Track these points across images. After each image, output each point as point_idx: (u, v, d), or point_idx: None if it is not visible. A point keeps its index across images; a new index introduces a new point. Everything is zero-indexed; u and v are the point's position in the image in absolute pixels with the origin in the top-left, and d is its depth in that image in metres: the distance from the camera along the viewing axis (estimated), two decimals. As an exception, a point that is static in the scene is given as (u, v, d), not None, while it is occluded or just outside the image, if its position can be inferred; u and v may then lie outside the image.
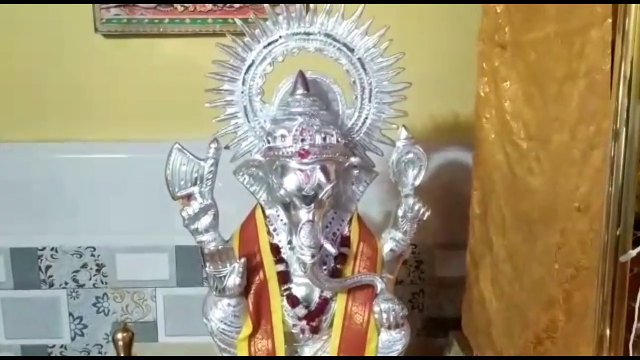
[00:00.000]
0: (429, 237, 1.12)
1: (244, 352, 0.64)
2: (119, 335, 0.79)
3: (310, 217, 0.62)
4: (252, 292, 0.65)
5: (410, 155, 0.68)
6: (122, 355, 0.79)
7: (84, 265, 1.10)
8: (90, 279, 1.10)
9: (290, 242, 0.64)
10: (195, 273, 1.09)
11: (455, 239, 1.04)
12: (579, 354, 0.60)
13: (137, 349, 0.96)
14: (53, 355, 1.12)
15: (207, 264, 0.62)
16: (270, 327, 0.64)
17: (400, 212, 0.70)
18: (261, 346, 0.63)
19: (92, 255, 1.10)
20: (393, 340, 0.66)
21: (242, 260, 0.62)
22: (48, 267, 1.09)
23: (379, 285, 0.65)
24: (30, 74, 1.04)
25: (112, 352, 0.82)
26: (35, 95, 1.05)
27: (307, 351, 0.68)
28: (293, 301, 0.65)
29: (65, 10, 1.01)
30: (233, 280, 0.61)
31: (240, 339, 0.64)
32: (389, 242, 0.71)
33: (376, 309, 0.64)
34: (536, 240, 0.70)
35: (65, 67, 1.04)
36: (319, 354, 0.67)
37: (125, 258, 1.10)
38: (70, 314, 1.11)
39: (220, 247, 0.61)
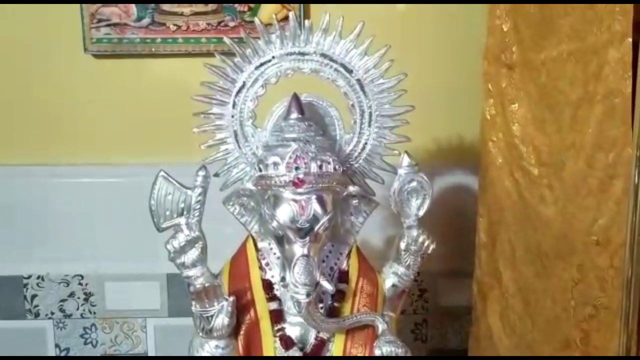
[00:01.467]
0: (433, 265, 1.07)
1: (232, 399, 0.59)
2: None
3: (306, 251, 0.57)
4: (242, 332, 0.60)
5: (414, 184, 0.64)
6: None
7: (72, 294, 1.05)
8: (77, 309, 1.05)
9: (283, 279, 0.59)
10: (188, 302, 1.04)
11: (461, 266, 0.99)
12: (600, 403, 0.55)
13: None
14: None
15: (193, 303, 0.57)
16: (261, 372, 0.59)
17: (402, 245, 0.65)
18: (253, 395, 0.58)
19: (80, 283, 1.05)
20: (396, 386, 0.60)
21: (232, 298, 0.57)
22: (34, 297, 1.05)
23: (380, 326, 0.60)
24: (16, 94, 1.01)
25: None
26: (21, 117, 1.02)
27: (303, 398, 0.63)
28: (287, 342, 0.60)
29: (54, 29, 0.97)
30: (221, 320, 0.57)
31: (230, 384, 0.59)
32: (391, 277, 0.66)
33: (377, 352, 0.59)
34: (550, 275, 0.65)
35: (53, 88, 1.00)
36: (315, 402, 0.61)
37: (115, 286, 1.06)
38: (57, 346, 1.06)
39: (207, 284, 0.56)
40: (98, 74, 0.99)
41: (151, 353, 1.08)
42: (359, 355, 0.60)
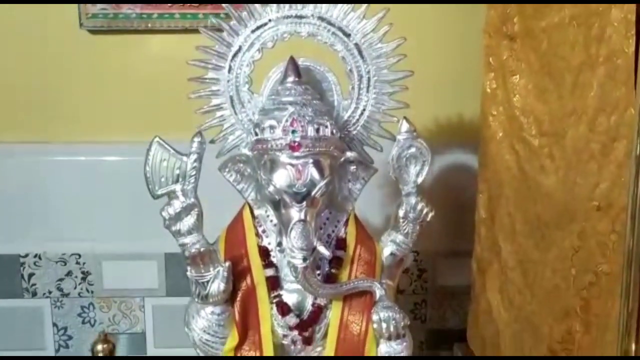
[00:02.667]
0: (432, 244, 1.06)
1: (229, 365, 0.58)
2: (99, 347, 0.74)
3: (302, 216, 0.56)
4: (238, 299, 0.59)
5: (412, 150, 0.63)
6: (101, 369, 0.73)
7: (69, 273, 1.04)
8: (75, 288, 1.05)
9: (280, 244, 0.58)
10: (186, 282, 1.03)
11: (460, 246, 0.99)
12: (600, 370, 0.54)
13: None
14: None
15: (189, 268, 0.56)
16: (258, 338, 0.58)
17: (401, 213, 0.64)
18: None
19: (77, 262, 1.04)
20: (394, 352, 0.60)
21: (227, 264, 0.57)
22: (31, 275, 1.04)
23: (378, 291, 0.59)
24: (11, 71, 0.99)
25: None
26: (17, 94, 1.01)
27: (300, 365, 0.62)
28: (283, 309, 0.60)
29: (49, 5, 0.96)
30: (217, 286, 0.56)
31: (226, 350, 0.58)
32: (389, 246, 0.65)
33: (375, 317, 0.58)
34: (550, 245, 0.64)
35: (49, 64, 0.99)
36: (312, 368, 0.61)
37: (112, 266, 1.05)
38: (55, 325, 1.06)
39: (202, 249, 0.55)
40: (94, 50, 0.98)
41: (149, 332, 1.08)
42: (355, 322, 0.59)
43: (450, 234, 1.06)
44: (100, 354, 0.73)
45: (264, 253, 0.61)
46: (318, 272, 0.60)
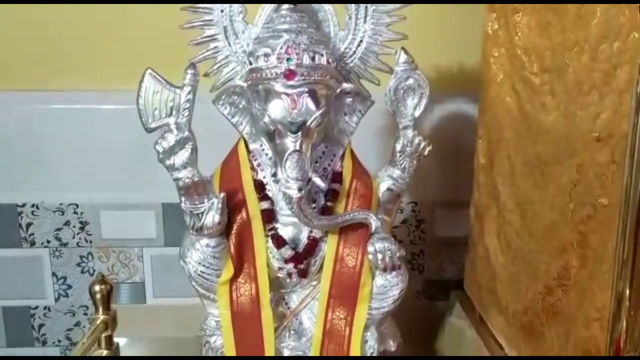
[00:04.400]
0: (430, 195, 1.06)
1: (224, 297, 0.58)
2: (97, 288, 0.74)
3: (297, 146, 0.55)
4: (233, 232, 0.59)
5: (410, 82, 0.61)
6: (100, 308, 0.74)
7: (67, 223, 1.04)
8: (73, 238, 1.05)
9: (275, 175, 0.57)
10: (184, 232, 1.04)
11: (459, 197, 0.99)
12: (594, 301, 0.54)
13: (125, 311, 0.91)
14: (36, 316, 1.08)
15: (183, 199, 0.56)
16: (253, 271, 0.58)
17: (398, 147, 0.63)
18: (244, 291, 0.58)
19: (75, 212, 1.04)
20: (389, 285, 0.60)
21: (222, 195, 0.56)
22: (29, 225, 1.04)
23: (374, 223, 0.58)
24: (10, 17, 0.98)
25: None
26: (15, 40, 0.99)
27: (295, 299, 0.62)
28: (279, 242, 0.59)
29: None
30: (212, 217, 0.56)
31: (221, 282, 0.59)
32: (386, 181, 0.64)
33: (370, 249, 0.58)
34: (548, 183, 0.63)
35: (50, 10, 0.97)
36: (308, 301, 0.61)
37: (110, 216, 1.05)
38: (54, 274, 1.07)
39: (196, 179, 0.55)
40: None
41: (148, 283, 1.09)
42: (351, 254, 0.59)
43: (449, 185, 1.05)
44: (98, 295, 0.73)
45: (259, 186, 0.61)
46: (314, 205, 0.60)
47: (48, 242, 1.05)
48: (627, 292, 0.50)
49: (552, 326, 0.64)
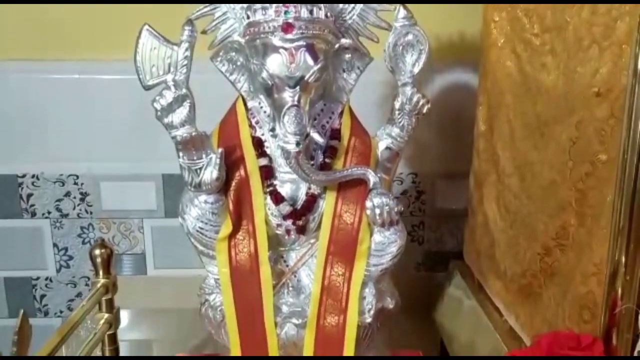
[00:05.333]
0: (430, 166, 1.06)
1: (223, 254, 0.58)
2: (97, 252, 0.74)
3: (296, 101, 0.55)
4: (232, 188, 0.59)
5: (409, 37, 0.61)
6: (100, 272, 0.74)
7: (67, 194, 1.05)
8: (74, 209, 1.05)
9: (273, 130, 0.57)
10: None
11: (459, 168, 0.98)
12: (592, 257, 0.54)
13: (126, 282, 0.92)
14: (38, 287, 1.09)
15: (181, 154, 0.56)
16: (252, 227, 0.58)
17: (396, 105, 0.63)
18: (242, 247, 0.58)
19: (75, 183, 1.04)
20: (387, 241, 0.60)
21: (220, 150, 0.56)
22: (29, 196, 1.04)
23: (372, 178, 0.58)
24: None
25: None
26: (9, 8, 0.98)
27: (293, 257, 0.62)
28: (277, 198, 0.59)
29: None
30: (210, 173, 0.55)
31: (219, 239, 0.59)
32: (385, 139, 0.64)
33: (368, 204, 0.58)
34: (548, 142, 0.63)
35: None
36: (306, 258, 0.61)
37: (110, 187, 1.05)
38: (55, 245, 1.07)
39: (194, 133, 0.55)
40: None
41: (149, 254, 1.09)
42: (349, 211, 0.59)
43: (449, 156, 1.05)
44: (99, 259, 0.74)
45: (258, 143, 0.61)
46: (312, 162, 0.60)
47: (49, 213, 1.05)
48: (625, 245, 0.50)
49: (550, 287, 0.64)
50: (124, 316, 0.77)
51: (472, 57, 0.95)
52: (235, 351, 0.58)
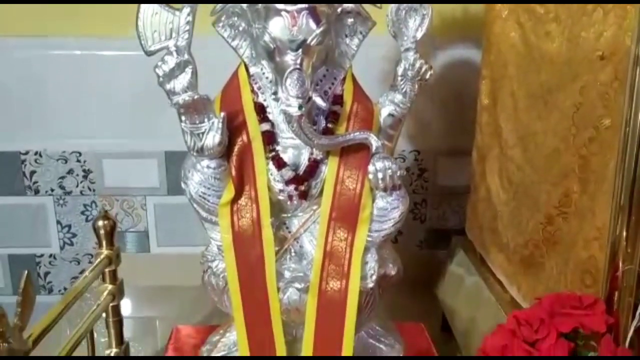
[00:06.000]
0: (433, 144, 1.06)
1: (225, 219, 0.59)
2: (100, 223, 0.74)
3: (298, 64, 0.55)
4: (234, 154, 0.59)
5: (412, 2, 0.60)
6: (103, 243, 0.74)
7: (70, 171, 1.05)
8: (77, 186, 1.06)
9: (275, 94, 0.57)
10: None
11: (461, 145, 0.98)
12: (594, 221, 0.54)
13: (129, 260, 0.92)
14: (42, 264, 1.09)
15: (183, 118, 0.56)
16: (254, 192, 0.58)
17: (399, 70, 0.63)
18: (245, 212, 0.58)
19: (78, 160, 1.05)
20: (390, 207, 0.60)
21: (222, 114, 0.56)
22: (32, 173, 1.05)
23: (374, 143, 0.58)
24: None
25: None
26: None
27: (296, 223, 0.62)
28: (279, 163, 0.59)
29: None
30: (212, 137, 0.55)
31: (222, 204, 0.59)
32: (388, 106, 0.64)
33: (371, 168, 0.58)
34: (551, 111, 0.63)
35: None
36: (309, 224, 0.61)
37: (113, 164, 1.06)
38: (58, 222, 1.08)
39: (196, 97, 0.54)
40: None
41: (152, 231, 1.10)
42: (351, 176, 0.59)
43: (451, 133, 1.05)
44: (102, 231, 0.74)
45: (260, 109, 0.60)
46: (314, 127, 0.59)
47: (52, 190, 1.05)
48: (628, 209, 0.50)
49: (552, 256, 0.64)
50: (127, 293, 0.78)
51: (474, 33, 0.94)
52: (238, 316, 0.59)
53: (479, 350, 0.50)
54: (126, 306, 0.77)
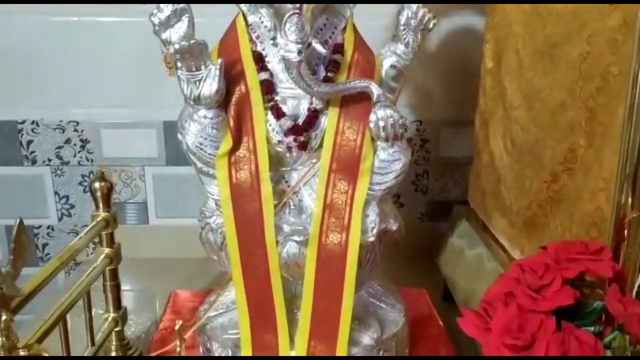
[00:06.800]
0: (435, 114, 1.05)
1: (223, 171, 0.57)
2: (97, 185, 0.73)
3: (297, 7, 0.53)
4: (232, 103, 0.57)
5: (415, -54, 0.59)
6: (100, 205, 0.73)
7: (68, 141, 1.04)
8: (74, 156, 1.05)
9: (274, 39, 0.56)
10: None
11: (464, 115, 0.97)
12: (600, 172, 0.53)
13: (128, 232, 0.91)
14: (40, 236, 1.08)
15: (179, 65, 0.54)
16: (252, 143, 0.57)
17: (402, 19, 0.61)
18: (243, 164, 0.56)
19: (75, 130, 1.03)
20: (391, 159, 0.58)
21: (220, 61, 0.54)
22: (30, 142, 1.03)
23: (375, 91, 0.57)
24: None
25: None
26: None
27: (295, 177, 0.61)
28: (278, 112, 0.58)
29: None
30: (209, 85, 0.54)
31: (219, 155, 0.57)
32: (390, 57, 0.62)
33: (372, 117, 0.56)
34: (558, 65, 0.62)
35: None
36: (308, 178, 0.60)
37: (111, 134, 1.04)
38: (56, 193, 1.06)
39: (192, 41, 0.53)
40: None
41: (150, 202, 1.09)
42: (352, 127, 0.58)
43: (454, 103, 1.04)
44: (98, 192, 0.73)
45: (258, 58, 0.59)
46: (315, 76, 0.58)
47: (49, 160, 1.04)
48: (636, 157, 0.49)
49: (556, 214, 0.63)
50: (126, 266, 0.77)
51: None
52: (236, 272, 0.58)
53: (482, 301, 0.49)
54: (124, 279, 0.76)
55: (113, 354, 0.76)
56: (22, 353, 0.51)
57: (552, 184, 0.63)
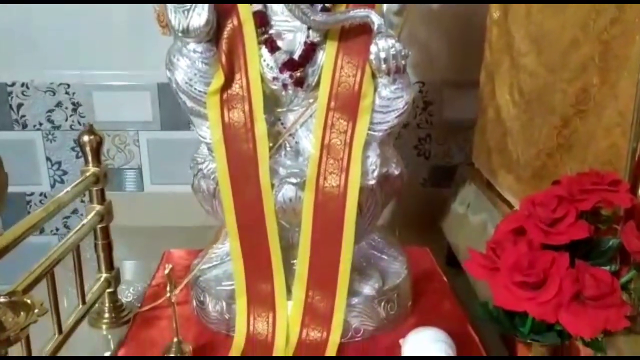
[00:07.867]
0: (439, 75, 1.01)
1: (214, 110, 0.54)
2: (86, 138, 0.70)
3: None
4: (223, 38, 0.54)
5: None
6: (89, 159, 0.70)
7: (59, 104, 1.01)
8: (66, 120, 1.01)
9: (269, -36, 0.52)
10: (181, 114, 1.00)
11: (468, 76, 0.93)
12: (616, 106, 0.50)
13: (123, 199, 0.88)
14: (32, 203, 1.06)
15: (167, -9, 0.51)
16: (245, 81, 0.54)
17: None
18: (235, 103, 0.53)
19: (67, 93, 1.00)
20: (393, 96, 0.55)
21: (209, -13, 0.51)
22: (20, 106, 1.00)
23: (376, 20, 0.53)
24: None
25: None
26: None
27: (291, 119, 0.57)
28: (272, 46, 0.54)
29: None
30: (198, 16, 0.51)
31: (211, 92, 0.54)
32: (390, -10, 0.59)
33: (373, 49, 0.53)
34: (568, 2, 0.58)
35: None
36: (305, 118, 0.56)
37: (103, 97, 1.01)
38: (48, 159, 1.04)
39: (180, -38, 0.50)
40: None
41: (145, 168, 1.06)
42: (351, 62, 0.54)
43: (458, 63, 1.00)
44: (87, 147, 0.70)
45: (251, -11, 0.56)
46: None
47: (40, 124, 1.01)
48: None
49: (567, 161, 0.60)
50: (122, 234, 0.74)
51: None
52: (230, 219, 0.55)
53: (489, 242, 0.46)
54: (120, 248, 0.74)
55: (106, 315, 0.73)
56: (2, 299, 0.48)
57: (562, 130, 0.60)
